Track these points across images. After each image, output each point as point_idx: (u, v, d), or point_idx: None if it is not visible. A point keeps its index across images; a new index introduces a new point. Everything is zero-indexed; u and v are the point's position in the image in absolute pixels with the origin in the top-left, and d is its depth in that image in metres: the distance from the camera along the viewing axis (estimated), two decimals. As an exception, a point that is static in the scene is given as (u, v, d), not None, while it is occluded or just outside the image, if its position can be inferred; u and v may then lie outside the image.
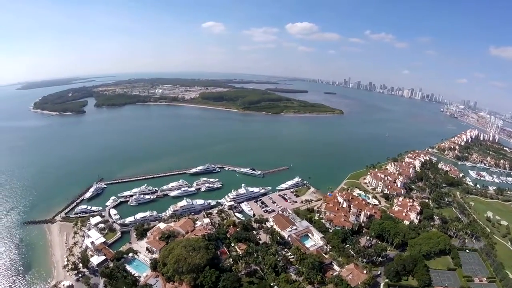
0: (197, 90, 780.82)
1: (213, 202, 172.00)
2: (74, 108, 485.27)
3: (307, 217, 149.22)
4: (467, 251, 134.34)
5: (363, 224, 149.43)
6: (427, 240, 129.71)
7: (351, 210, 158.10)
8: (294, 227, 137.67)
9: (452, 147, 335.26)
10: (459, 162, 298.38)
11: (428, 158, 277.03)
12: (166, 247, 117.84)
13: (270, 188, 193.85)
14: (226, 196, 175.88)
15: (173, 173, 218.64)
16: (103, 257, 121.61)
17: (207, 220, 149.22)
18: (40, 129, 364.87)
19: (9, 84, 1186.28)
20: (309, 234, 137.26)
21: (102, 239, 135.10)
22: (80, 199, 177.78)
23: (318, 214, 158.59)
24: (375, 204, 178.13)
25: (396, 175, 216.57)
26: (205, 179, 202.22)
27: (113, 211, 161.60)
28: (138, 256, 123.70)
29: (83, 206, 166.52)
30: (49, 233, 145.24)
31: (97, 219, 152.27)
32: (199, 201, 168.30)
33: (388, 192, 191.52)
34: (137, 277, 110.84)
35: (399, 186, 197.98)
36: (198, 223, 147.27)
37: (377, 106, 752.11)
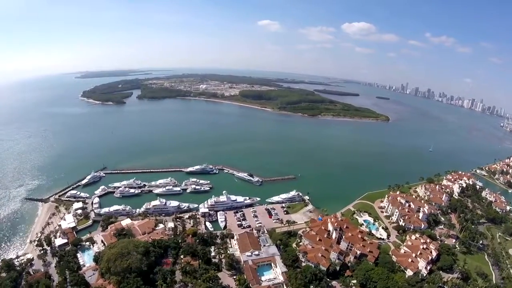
0: (242, 87, 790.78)
1: (189, 206, 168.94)
2: (115, 99, 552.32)
3: (279, 242, 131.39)
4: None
5: (349, 265, 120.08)
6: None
7: (341, 243, 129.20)
8: (256, 252, 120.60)
9: (504, 170, 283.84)
10: (510, 191, 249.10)
11: (471, 182, 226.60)
12: (113, 244, 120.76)
13: (259, 199, 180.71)
14: (205, 202, 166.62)
15: (170, 169, 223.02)
16: (65, 240, 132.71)
17: (171, 225, 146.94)
18: (78, 116, 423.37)
19: (70, 73, 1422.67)
20: (273, 265, 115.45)
21: (73, 224, 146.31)
22: (77, 184, 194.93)
23: (299, 241, 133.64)
24: (380, 239, 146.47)
25: (422, 202, 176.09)
26: (194, 180, 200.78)
27: (96, 200, 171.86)
28: (94, 247, 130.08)
29: (73, 191, 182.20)
30: (40, 211, 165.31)
31: (79, 205, 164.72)
32: (173, 203, 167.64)
33: (404, 224, 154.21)
34: (81, 265, 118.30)
35: (420, 217, 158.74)
36: (161, 225, 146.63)
37: (430, 115, 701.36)
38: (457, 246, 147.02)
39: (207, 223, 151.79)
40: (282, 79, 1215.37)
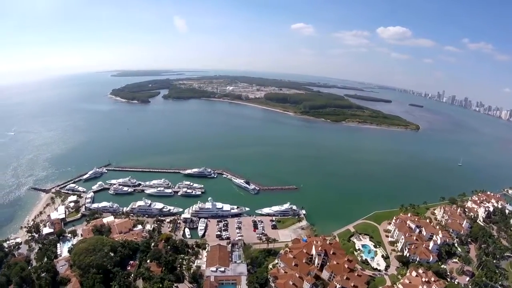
0: (270, 90, 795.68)
1: (173, 209, 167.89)
2: (141, 98, 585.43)
3: (249, 261, 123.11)
4: None
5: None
6: None
7: (323, 272, 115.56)
8: (222, 268, 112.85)
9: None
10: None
11: (500, 206, 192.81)
12: (84, 239, 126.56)
13: (248, 209, 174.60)
14: (189, 208, 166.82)
15: (169, 170, 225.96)
16: (52, 230, 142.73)
17: (148, 227, 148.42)
18: (101, 113, 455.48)
19: (107, 71, 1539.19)
20: (238, 285, 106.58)
21: (62, 216, 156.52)
22: (79, 178, 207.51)
23: (277, 262, 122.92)
24: (376, 270, 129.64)
25: (437, 228, 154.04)
26: (188, 183, 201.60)
27: (90, 195, 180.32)
28: (74, 239, 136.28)
29: (73, 185, 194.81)
30: (40, 200, 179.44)
31: (73, 198, 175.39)
32: (158, 205, 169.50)
33: (408, 255, 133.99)
34: (58, 255, 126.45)
35: (430, 247, 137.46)
36: (140, 227, 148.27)
37: (465, 125, 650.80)
38: (470, 286, 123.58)
39: (186, 230, 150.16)
40: (314, 83, 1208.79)
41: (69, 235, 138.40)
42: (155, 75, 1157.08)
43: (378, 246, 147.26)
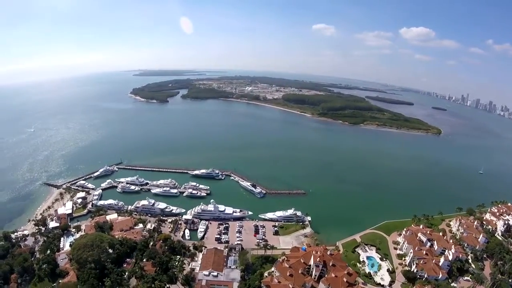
0: (289, 91, 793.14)
1: (175, 210, 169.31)
2: (160, 97, 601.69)
3: (242, 267, 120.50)
4: None
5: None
6: None
7: (319, 285, 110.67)
8: (215, 273, 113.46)
9: None
10: None
11: None
12: (85, 234, 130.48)
13: (251, 213, 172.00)
14: (192, 209, 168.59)
15: (178, 170, 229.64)
16: (57, 224, 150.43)
17: (149, 226, 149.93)
18: (119, 112, 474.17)
19: (131, 70, 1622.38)
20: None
21: (69, 211, 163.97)
22: (89, 176, 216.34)
23: (273, 270, 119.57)
24: (379, 285, 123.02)
25: (450, 242, 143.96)
26: (194, 184, 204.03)
27: (97, 192, 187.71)
28: (77, 234, 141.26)
29: (83, 182, 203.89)
30: (51, 195, 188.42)
31: (81, 194, 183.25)
32: (161, 205, 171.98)
33: (415, 270, 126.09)
34: (60, 248, 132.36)
35: (440, 263, 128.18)
36: (141, 225, 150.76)
37: (489, 130, 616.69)
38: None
39: (186, 231, 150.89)
40: (336, 84, 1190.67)
41: (73, 230, 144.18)
42: (176, 75, 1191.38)
43: (384, 259, 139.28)
